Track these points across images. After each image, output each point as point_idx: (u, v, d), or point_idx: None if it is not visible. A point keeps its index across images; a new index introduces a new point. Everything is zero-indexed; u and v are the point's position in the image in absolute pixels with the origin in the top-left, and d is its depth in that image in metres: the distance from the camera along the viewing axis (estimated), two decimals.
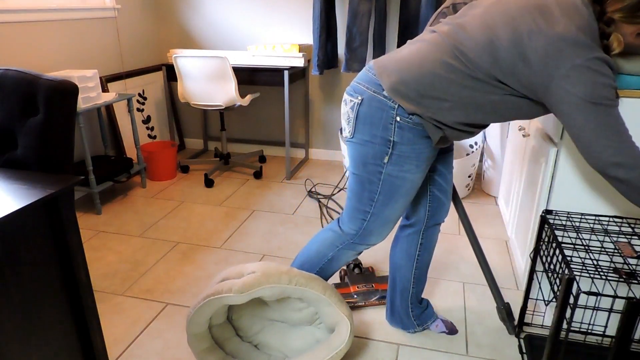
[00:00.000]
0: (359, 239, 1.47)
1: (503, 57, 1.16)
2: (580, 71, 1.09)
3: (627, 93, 1.43)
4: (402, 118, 1.27)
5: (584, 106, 1.10)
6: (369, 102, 1.30)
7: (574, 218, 1.55)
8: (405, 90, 1.25)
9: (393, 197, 1.37)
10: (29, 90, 1.45)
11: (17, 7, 2.44)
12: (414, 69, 1.25)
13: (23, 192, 1.06)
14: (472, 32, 1.19)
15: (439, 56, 1.22)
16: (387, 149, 1.31)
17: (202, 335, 1.50)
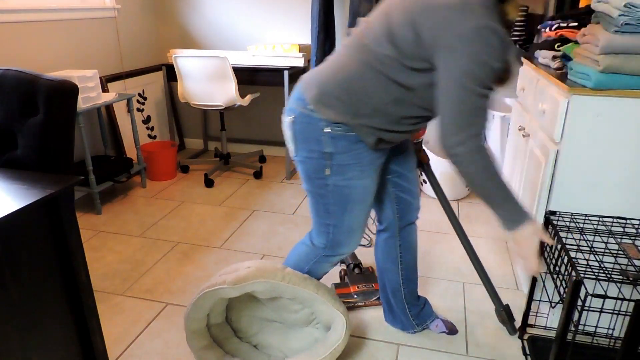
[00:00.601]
0: (330, 251, 1.46)
1: (401, 38, 1.14)
2: (464, 41, 1.05)
3: (627, 93, 1.43)
4: (331, 128, 1.27)
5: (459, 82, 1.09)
6: (299, 119, 1.31)
7: (578, 219, 1.55)
8: (327, 100, 1.26)
9: (347, 206, 1.37)
10: (29, 90, 1.44)
11: (17, 7, 2.44)
12: (331, 77, 1.26)
13: (23, 192, 1.06)
14: (374, 24, 1.20)
15: (352, 59, 1.23)
16: (325, 162, 1.31)
17: (200, 333, 1.50)
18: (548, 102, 1.71)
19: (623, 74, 1.42)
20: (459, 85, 1.10)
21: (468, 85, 1.09)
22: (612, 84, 1.43)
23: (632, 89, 1.43)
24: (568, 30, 1.91)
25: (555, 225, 1.44)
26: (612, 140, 1.49)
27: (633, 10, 1.36)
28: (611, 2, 1.41)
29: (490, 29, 1.05)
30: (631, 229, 1.49)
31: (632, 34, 1.38)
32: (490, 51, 1.06)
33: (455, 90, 1.11)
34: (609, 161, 1.52)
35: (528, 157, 1.98)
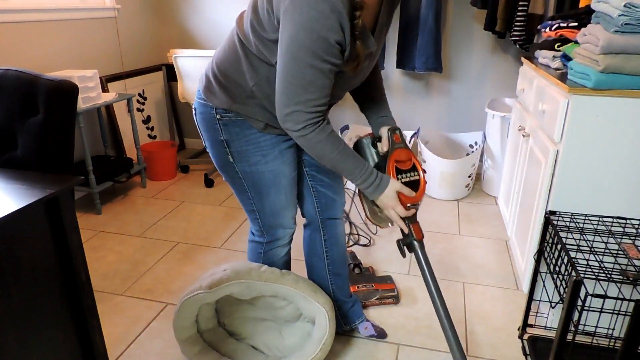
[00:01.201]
0: (269, 237, 1.48)
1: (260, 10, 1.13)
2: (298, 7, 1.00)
3: (627, 93, 1.43)
4: (221, 115, 1.29)
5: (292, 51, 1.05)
6: (198, 109, 1.34)
7: (578, 219, 1.55)
8: (212, 88, 1.28)
9: (262, 190, 1.38)
10: (29, 90, 1.45)
11: (17, 7, 2.44)
12: (214, 65, 1.28)
13: (23, 192, 1.06)
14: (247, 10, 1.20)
15: (227, 45, 1.26)
16: (224, 149, 1.33)
17: (192, 340, 1.50)
18: (548, 102, 1.71)
19: (623, 74, 1.42)
20: (288, 53, 1.06)
21: (297, 53, 1.04)
22: (612, 84, 1.43)
23: (632, 89, 1.43)
24: (568, 30, 1.91)
25: (555, 225, 1.44)
26: (612, 140, 1.49)
27: (633, 10, 1.36)
28: (611, 2, 1.41)
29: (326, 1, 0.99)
30: (631, 229, 1.49)
31: (632, 34, 1.38)
32: (320, 19, 1.00)
33: (285, 57, 1.07)
34: (609, 161, 1.52)
35: (528, 157, 1.98)
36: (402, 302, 1.93)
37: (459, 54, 3.09)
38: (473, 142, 3.10)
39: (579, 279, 1.16)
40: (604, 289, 1.58)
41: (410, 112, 3.31)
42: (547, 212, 1.54)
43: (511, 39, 2.66)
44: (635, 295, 1.55)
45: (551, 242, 1.47)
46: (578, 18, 1.92)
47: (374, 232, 2.50)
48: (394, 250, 2.32)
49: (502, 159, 2.77)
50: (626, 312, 1.20)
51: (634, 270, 1.29)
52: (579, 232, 1.47)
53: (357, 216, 2.68)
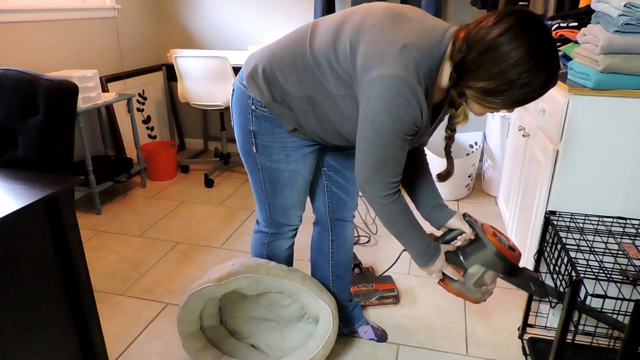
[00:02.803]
0: (275, 228, 1.49)
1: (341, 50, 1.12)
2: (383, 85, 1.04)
3: (627, 93, 1.43)
4: (257, 107, 1.29)
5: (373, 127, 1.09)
6: (236, 91, 1.33)
7: (578, 219, 1.55)
8: (257, 78, 1.26)
9: (277, 186, 1.39)
10: (29, 90, 1.44)
11: (17, 7, 2.44)
12: (266, 56, 1.25)
13: (23, 192, 1.06)
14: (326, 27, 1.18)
15: (292, 43, 1.21)
16: (251, 139, 1.33)
17: (194, 335, 1.50)
18: (548, 102, 1.71)
19: (623, 74, 1.42)
20: (371, 128, 1.10)
21: (380, 131, 1.09)
22: (612, 84, 1.43)
23: (632, 89, 1.43)
24: (568, 30, 1.91)
25: (555, 225, 1.44)
26: (612, 140, 1.49)
27: (633, 10, 1.36)
28: (611, 2, 1.41)
29: (414, 87, 1.03)
30: (631, 229, 1.49)
31: (632, 34, 1.38)
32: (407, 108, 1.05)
33: (367, 130, 1.11)
34: (609, 161, 1.52)
35: (528, 157, 1.98)
36: (402, 302, 1.93)
37: None
38: (473, 142, 3.10)
39: (579, 279, 1.16)
40: (604, 289, 1.58)
41: None
42: (547, 212, 1.54)
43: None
44: (635, 295, 1.55)
45: (551, 242, 1.47)
46: (578, 18, 1.92)
47: (374, 232, 2.50)
48: (394, 250, 2.32)
49: (502, 159, 2.77)
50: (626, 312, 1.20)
51: (634, 270, 1.29)
52: (579, 232, 1.47)
53: (357, 216, 2.68)
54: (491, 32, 0.98)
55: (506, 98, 1.02)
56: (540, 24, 0.99)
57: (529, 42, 0.96)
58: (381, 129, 1.08)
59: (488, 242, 1.23)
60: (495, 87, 1.00)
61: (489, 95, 1.03)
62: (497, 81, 0.99)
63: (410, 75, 1.03)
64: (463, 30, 1.04)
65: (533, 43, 0.96)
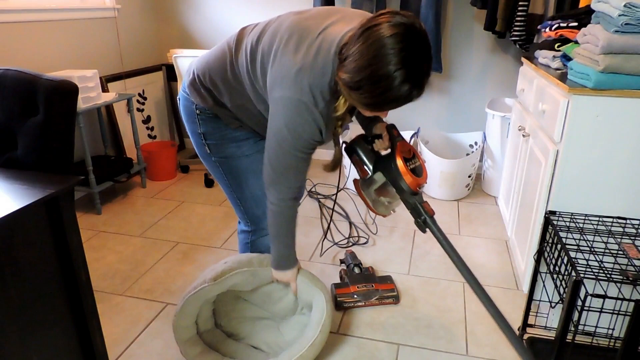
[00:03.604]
0: (254, 225, 1.52)
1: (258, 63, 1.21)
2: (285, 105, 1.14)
3: (627, 93, 1.43)
4: (201, 111, 1.37)
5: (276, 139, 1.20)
6: (181, 100, 1.42)
7: (578, 219, 1.55)
8: (196, 86, 1.35)
9: (240, 177, 1.44)
10: (29, 90, 1.44)
11: (17, 7, 2.44)
12: (202, 66, 1.34)
13: (23, 192, 1.06)
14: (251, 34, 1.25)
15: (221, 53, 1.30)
16: (202, 141, 1.41)
17: (192, 340, 1.51)
18: (548, 102, 1.71)
19: (623, 74, 1.42)
20: (274, 139, 1.21)
21: (281, 143, 1.20)
22: (612, 84, 1.43)
23: (632, 89, 1.43)
24: (568, 30, 1.91)
25: (555, 225, 1.44)
26: (612, 140, 1.49)
27: (633, 10, 1.36)
28: (611, 2, 1.41)
29: (308, 109, 1.12)
30: (631, 229, 1.49)
31: (632, 34, 1.38)
32: (303, 125, 1.14)
33: (271, 141, 1.22)
34: (609, 161, 1.52)
35: (528, 157, 1.98)
36: (402, 302, 1.93)
37: (459, 54, 3.09)
38: (473, 142, 3.10)
39: (578, 279, 1.16)
40: (603, 289, 1.58)
41: (410, 112, 3.31)
42: (547, 212, 1.54)
43: (511, 39, 2.66)
44: (635, 295, 1.55)
45: (551, 242, 1.47)
46: (578, 18, 1.92)
47: (374, 232, 2.50)
48: (393, 250, 2.32)
49: (502, 159, 2.77)
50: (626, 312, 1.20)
51: (634, 270, 1.29)
52: (579, 232, 1.47)
53: (357, 216, 2.68)
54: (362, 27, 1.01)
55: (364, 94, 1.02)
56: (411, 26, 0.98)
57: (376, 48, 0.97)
58: (282, 142, 1.19)
59: (393, 157, 1.31)
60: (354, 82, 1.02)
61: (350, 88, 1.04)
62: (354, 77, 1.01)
63: (305, 97, 1.11)
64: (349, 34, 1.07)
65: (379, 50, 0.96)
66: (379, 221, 2.62)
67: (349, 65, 1.02)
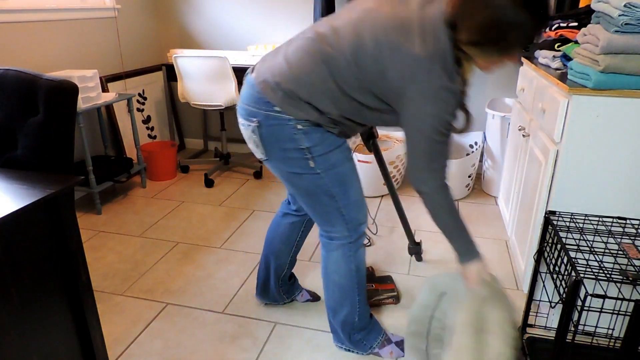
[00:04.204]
0: (354, 233, 1.48)
1: (365, 66, 1.19)
2: (425, 97, 1.15)
3: (627, 93, 1.43)
4: (302, 125, 1.29)
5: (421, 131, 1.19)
6: (266, 122, 1.30)
7: (578, 219, 1.55)
8: (291, 101, 1.27)
9: (346, 182, 1.40)
10: (29, 90, 1.44)
11: (17, 7, 2.44)
12: (293, 77, 1.26)
13: (23, 192, 1.06)
14: (343, 38, 1.22)
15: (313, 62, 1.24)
16: (306, 156, 1.33)
17: None
18: (548, 102, 1.71)
19: (623, 74, 1.42)
20: (420, 133, 1.20)
21: (427, 133, 1.19)
22: (612, 84, 1.43)
23: (632, 89, 1.43)
24: (568, 30, 1.91)
25: (555, 225, 1.44)
26: (612, 140, 1.49)
27: (633, 10, 1.36)
28: (611, 2, 1.41)
29: (448, 90, 1.14)
30: (631, 229, 1.49)
31: (632, 34, 1.38)
32: (446, 107, 1.16)
33: (417, 136, 1.21)
34: (609, 161, 1.52)
35: (528, 157, 1.98)
36: (402, 302, 1.93)
37: None
38: (473, 142, 3.10)
39: (578, 279, 1.16)
40: (603, 289, 1.58)
41: None
42: (547, 212, 1.54)
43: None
44: (635, 295, 1.55)
45: (551, 242, 1.47)
46: (578, 18, 1.92)
47: (374, 232, 2.50)
48: (393, 250, 2.32)
49: (502, 159, 2.77)
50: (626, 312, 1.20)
51: (634, 270, 1.29)
52: (578, 232, 1.47)
53: None
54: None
55: (500, 44, 1.08)
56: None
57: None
58: (430, 132, 1.18)
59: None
60: (485, 33, 1.06)
61: (482, 43, 1.09)
62: (487, 26, 1.05)
63: (444, 80, 1.13)
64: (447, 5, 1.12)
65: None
66: (379, 221, 2.62)
67: (466, 24, 1.07)
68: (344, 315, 1.56)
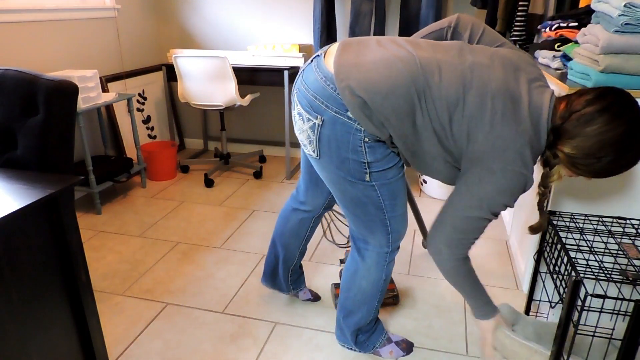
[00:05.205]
0: (394, 244, 1.45)
1: (458, 119, 1.15)
2: (503, 176, 1.13)
3: None
4: (369, 139, 1.22)
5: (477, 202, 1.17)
6: (331, 124, 1.21)
7: (578, 219, 1.55)
8: (370, 114, 1.17)
9: (396, 196, 1.37)
10: (29, 90, 1.44)
11: (17, 7, 2.44)
12: (381, 93, 1.15)
13: (23, 192, 1.06)
14: (447, 81, 1.15)
15: (406, 88, 1.15)
16: (364, 169, 1.28)
17: None
18: None
19: (623, 74, 1.42)
20: (472, 202, 1.17)
21: (483, 207, 1.17)
22: (612, 84, 1.43)
23: (632, 89, 1.43)
24: (568, 30, 1.91)
25: (555, 225, 1.44)
26: None
27: (633, 10, 1.36)
28: (611, 2, 1.41)
29: (529, 181, 1.15)
30: (631, 229, 1.49)
31: (632, 34, 1.38)
32: (516, 194, 1.16)
33: (468, 207, 1.18)
34: None
35: None
36: (402, 302, 1.93)
37: None
38: None
39: (578, 279, 1.16)
40: (603, 289, 1.58)
41: None
42: (547, 212, 1.54)
43: (511, 39, 2.66)
44: (635, 295, 1.55)
45: (551, 242, 1.47)
46: (578, 18, 1.92)
47: None
48: None
49: None
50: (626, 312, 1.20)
51: (634, 270, 1.29)
52: (579, 232, 1.47)
53: None
54: (592, 106, 1.08)
55: (592, 169, 1.12)
56: (636, 107, 1.07)
57: (626, 124, 1.05)
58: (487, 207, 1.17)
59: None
60: (585, 157, 1.10)
61: (577, 162, 1.13)
62: (588, 153, 1.09)
63: (529, 171, 1.14)
64: (564, 101, 1.14)
65: (629, 126, 1.06)
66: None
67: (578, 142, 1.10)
68: (357, 318, 1.56)
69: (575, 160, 1.13)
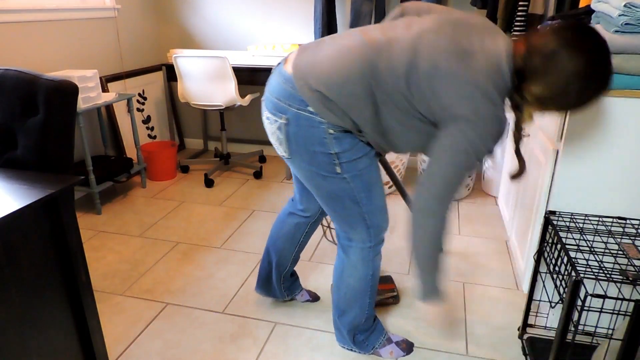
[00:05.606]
0: (375, 239, 1.46)
1: (417, 83, 1.15)
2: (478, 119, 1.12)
3: (627, 93, 1.43)
4: (334, 130, 1.25)
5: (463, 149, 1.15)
6: (295, 121, 1.25)
7: (578, 219, 1.55)
8: (329, 105, 1.21)
9: (371, 187, 1.37)
10: (29, 90, 1.44)
11: (17, 7, 2.44)
12: (334, 83, 1.19)
13: (23, 192, 1.06)
14: (397, 54, 1.17)
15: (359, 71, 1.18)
16: (333, 161, 1.29)
17: None
18: None
19: (623, 74, 1.42)
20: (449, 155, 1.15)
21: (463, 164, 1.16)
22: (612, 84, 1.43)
23: (632, 89, 1.43)
24: None
25: (555, 225, 1.44)
26: (612, 140, 1.49)
27: (633, 10, 1.36)
28: (611, 2, 1.41)
29: (504, 119, 1.14)
30: (631, 229, 1.49)
31: (632, 34, 1.38)
32: (488, 137, 1.14)
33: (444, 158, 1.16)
34: (609, 161, 1.52)
35: (528, 157, 1.98)
36: (402, 302, 1.93)
37: None
38: None
39: (578, 279, 1.16)
40: (603, 289, 1.59)
41: None
42: (547, 212, 1.54)
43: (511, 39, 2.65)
44: (635, 295, 1.55)
45: (551, 242, 1.47)
46: (578, 18, 1.92)
47: None
48: (393, 250, 2.32)
49: (502, 159, 2.77)
50: (626, 312, 1.20)
51: (634, 270, 1.29)
52: (578, 232, 1.47)
53: None
54: (551, 42, 1.07)
55: (562, 103, 1.11)
56: (597, 35, 1.06)
57: (587, 52, 1.04)
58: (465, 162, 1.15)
59: None
60: (552, 93, 1.09)
61: (546, 99, 1.11)
62: (555, 88, 1.08)
63: (499, 109, 1.12)
64: (521, 42, 1.13)
65: (591, 54, 1.04)
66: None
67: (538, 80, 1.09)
68: (351, 317, 1.56)
69: (543, 99, 1.12)
